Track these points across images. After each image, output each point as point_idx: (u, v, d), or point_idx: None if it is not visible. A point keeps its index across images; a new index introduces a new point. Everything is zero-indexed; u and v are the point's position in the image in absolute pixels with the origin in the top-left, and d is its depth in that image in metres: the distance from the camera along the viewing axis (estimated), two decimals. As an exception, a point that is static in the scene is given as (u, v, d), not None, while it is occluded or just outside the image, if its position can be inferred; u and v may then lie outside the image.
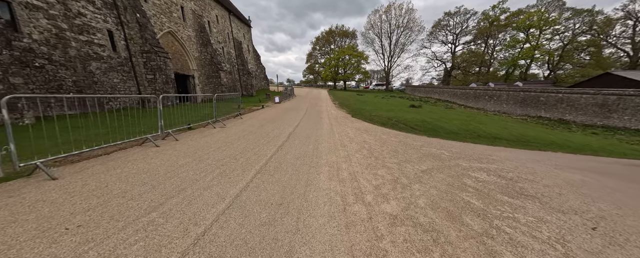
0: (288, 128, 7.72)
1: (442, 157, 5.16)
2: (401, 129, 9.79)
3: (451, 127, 10.57)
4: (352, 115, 12.63)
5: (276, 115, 11.12)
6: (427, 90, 37.51)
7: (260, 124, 8.41)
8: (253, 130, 7.11)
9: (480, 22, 47.20)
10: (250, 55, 32.65)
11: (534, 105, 18.34)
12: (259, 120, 9.21)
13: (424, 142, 6.91)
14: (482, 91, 24.29)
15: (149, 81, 12.02)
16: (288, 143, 5.57)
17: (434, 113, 15.08)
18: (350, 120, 10.77)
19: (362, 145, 5.84)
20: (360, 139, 6.65)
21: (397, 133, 8.31)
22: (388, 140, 6.80)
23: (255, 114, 11.66)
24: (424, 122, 11.03)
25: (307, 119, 10.23)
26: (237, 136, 6.06)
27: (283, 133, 6.73)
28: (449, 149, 6.06)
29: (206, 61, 18.52)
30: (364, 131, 8.16)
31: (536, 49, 41.62)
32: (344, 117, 11.67)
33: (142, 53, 11.72)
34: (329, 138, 6.53)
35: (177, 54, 16.03)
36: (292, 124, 8.73)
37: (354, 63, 51.63)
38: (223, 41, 22.48)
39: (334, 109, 15.02)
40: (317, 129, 7.80)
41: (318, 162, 4.19)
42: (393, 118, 11.79)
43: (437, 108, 19.83)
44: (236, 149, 4.77)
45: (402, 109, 16.50)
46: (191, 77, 17.60)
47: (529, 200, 3.07)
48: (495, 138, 9.36)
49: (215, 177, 3.24)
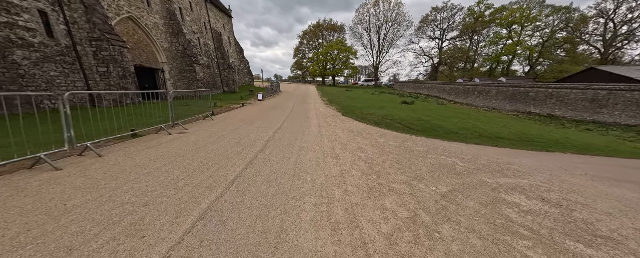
0: (268, 132, 6.39)
1: (457, 169, 4.12)
2: (397, 129, 8.78)
3: (449, 126, 9.72)
4: (343, 113, 11.47)
5: (257, 115, 9.69)
6: (416, 86, 37.26)
7: (234, 126, 6.99)
8: (222, 135, 5.70)
9: (466, 18, 47.60)
10: (232, 48, 30.35)
11: (523, 100, 18.20)
12: (235, 122, 7.77)
13: (427, 146, 5.89)
14: (472, 87, 24.10)
15: (102, 75, 10.06)
16: (263, 156, 4.27)
17: (428, 110, 14.31)
18: (341, 120, 9.60)
19: (358, 155, 4.67)
20: (354, 145, 5.48)
21: (395, 136, 7.26)
22: (386, 145, 5.70)
23: (232, 113, 10.14)
24: (420, 121, 10.11)
25: (293, 119, 8.92)
26: (196, 146, 4.65)
27: (260, 140, 5.40)
28: (458, 155, 5.07)
29: (178, 53, 16.45)
30: (357, 133, 7.02)
31: (518, 45, 42.66)
32: (334, 116, 10.48)
33: (91, 41, 9.72)
34: (316, 145, 5.30)
35: (141, 45, 13.92)
36: (273, 126, 7.39)
37: (343, 58, 50.45)
38: (199, 32, 20.31)
39: (323, 107, 13.78)
40: (303, 133, 6.54)
41: (300, 189, 2.94)
42: (387, 116, 10.78)
43: (429, 104, 19.21)
44: (183, 170, 3.36)
45: (395, 105, 15.60)
46: (160, 71, 15.53)
47: (616, 250, 2.05)
48: (498, 138, 8.60)
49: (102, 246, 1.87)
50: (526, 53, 42.50)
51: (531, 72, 46.31)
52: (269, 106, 13.37)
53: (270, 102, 15.79)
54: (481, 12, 45.99)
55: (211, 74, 21.81)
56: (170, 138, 5.16)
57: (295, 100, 17.52)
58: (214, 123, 7.42)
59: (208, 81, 20.88)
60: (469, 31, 47.29)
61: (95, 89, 9.94)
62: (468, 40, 48.32)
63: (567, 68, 38.76)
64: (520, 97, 18.40)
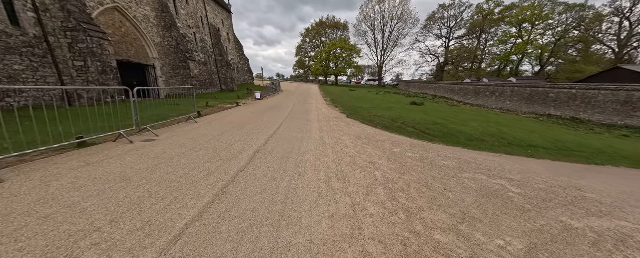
0: (259, 139, 5.25)
1: (513, 199, 2.94)
2: (411, 134, 7.59)
3: (469, 130, 8.50)
4: (348, 115, 10.30)
5: (250, 117, 8.56)
6: (422, 86, 35.90)
7: (220, 131, 5.85)
8: (200, 144, 4.56)
9: (474, 16, 46.00)
10: (231, 45, 29.26)
11: (542, 102, 16.85)
12: (222, 125, 6.63)
13: (455, 159, 4.70)
14: (483, 87, 22.74)
15: (78, 70, 8.99)
16: (243, 178, 3.12)
17: (440, 112, 13.06)
18: (346, 123, 8.43)
19: (372, 174, 3.51)
20: (365, 158, 4.32)
21: (411, 143, 6.07)
22: (405, 158, 4.52)
23: (222, 114, 9.01)
24: (436, 125, 8.89)
25: (291, 122, 7.77)
26: (156, 162, 3.50)
27: (246, 151, 4.25)
28: (501, 174, 3.88)
29: (171, 48, 15.38)
30: (366, 140, 5.84)
31: (530, 43, 41.03)
32: (337, 118, 9.31)
33: (66, 31, 8.65)
34: (318, 158, 4.14)
35: (129, 38, 12.86)
36: (267, 130, 6.24)
37: (346, 57, 49.17)
38: (195, 26, 19.22)
39: (325, 107, 12.61)
40: (301, 140, 5.38)
41: (289, 251, 1.79)
42: (397, 119, 9.58)
43: (440, 105, 17.93)
44: (107, 212, 2.19)
45: (403, 107, 14.37)
46: (151, 67, 14.47)
47: None
48: (530, 146, 7.36)
49: None
50: (537, 52, 40.83)
51: (541, 72, 44.63)
52: (267, 106, 12.24)
53: (268, 102, 14.66)
54: (490, 9, 44.38)
55: (208, 71, 20.74)
56: (128, 148, 4.02)
57: (296, 100, 16.37)
58: (196, 126, 6.28)
59: (204, 79, 19.82)
60: (477, 29, 45.70)
61: (71, 85, 8.88)
62: (475, 39, 46.73)
63: (580, 68, 37.12)
64: (539, 98, 17.04)
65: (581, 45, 42.48)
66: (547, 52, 40.72)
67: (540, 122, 13.64)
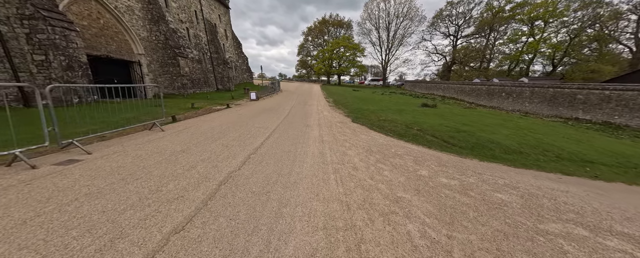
0: (236, 156, 3.84)
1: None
2: (431, 144, 6.15)
3: (502, 139, 7.01)
4: (353, 119, 8.86)
5: (237, 122, 7.16)
6: (429, 86, 34.25)
7: (187, 144, 4.46)
8: (145, 167, 3.16)
9: (483, 13, 44.15)
10: (228, 42, 27.96)
11: (568, 104, 15.21)
12: (195, 134, 5.24)
13: (513, 189, 3.27)
14: (498, 87, 21.10)
15: (39, 65, 7.70)
16: (171, 253, 1.70)
17: (458, 115, 11.55)
18: (352, 129, 6.99)
19: (404, 232, 2.06)
20: (384, 191, 2.89)
21: (438, 159, 4.63)
22: (440, 188, 3.10)
23: (205, 119, 7.64)
24: (459, 133, 7.41)
25: (285, 129, 6.36)
26: (38, 212, 2.12)
27: (205, 183, 2.83)
28: (602, 222, 2.42)
29: (159, 44, 14.08)
30: (380, 156, 4.42)
31: (543, 42, 39.12)
32: (341, 124, 7.88)
33: (22, 19, 7.35)
34: (314, 193, 2.70)
35: (109, 31, 11.57)
36: (252, 141, 4.84)
37: (350, 56, 47.68)
38: (188, 21, 17.93)
39: (327, 110, 11.18)
40: (294, 157, 3.96)
41: None
42: (412, 124, 8.11)
43: (454, 108, 16.38)
44: None
45: (414, 109, 12.88)
46: (136, 64, 13.18)
47: None
48: (586, 161, 5.84)
49: None
50: (551, 51, 38.88)
51: (554, 72, 42.61)
52: (261, 108, 10.85)
53: (264, 103, 13.29)
54: (500, 6, 42.51)
55: (202, 69, 19.44)
56: (16, 180, 2.63)
57: (295, 101, 14.97)
58: (159, 136, 4.89)
59: (198, 77, 18.53)
60: (486, 27, 43.86)
61: (28, 82, 7.57)
62: (484, 37, 44.89)
63: (598, 67, 35.15)
64: (564, 99, 15.40)
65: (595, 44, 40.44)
66: (561, 51, 38.73)
67: (573, 127, 12.03)
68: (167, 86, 14.61)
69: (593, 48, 40.92)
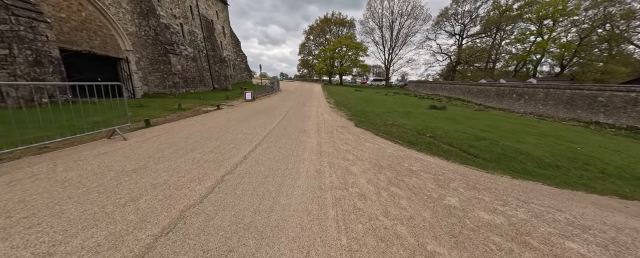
0: (204, 178, 2.90)
1: None
2: (450, 154, 5.20)
3: (532, 150, 6.01)
4: (356, 123, 7.89)
5: (223, 127, 6.22)
6: (434, 87, 33.18)
7: (148, 157, 3.52)
8: (53, 207, 2.21)
9: (490, 12, 42.91)
10: (226, 39, 27.05)
11: (587, 107, 14.12)
12: (166, 144, 4.30)
13: (585, 230, 2.28)
14: (508, 88, 20.03)
15: (2, 59, 6.81)
16: None
17: (470, 118, 10.54)
18: (355, 135, 6.03)
19: None
20: (406, 239, 1.92)
21: (463, 176, 3.67)
22: (480, 228, 2.12)
23: (186, 123, 6.70)
24: (480, 141, 6.41)
25: (278, 136, 5.41)
26: None
27: (138, 233, 1.89)
28: None
29: (149, 39, 13.20)
30: (392, 174, 3.46)
31: (553, 41, 37.86)
32: (343, 128, 6.91)
33: (-20, 8, 6.46)
34: (299, 253, 1.75)
35: (92, 25, 10.69)
36: (232, 154, 3.89)
37: (352, 55, 46.65)
38: (182, 16, 17.04)
39: (327, 112, 10.22)
40: (280, 180, 3.01)
41: None
42: (424, 130, 7.13)
43: (464, 110, 15.34)
44: None
45: (423, 111, 11.87)
46: (123, 61, 12.30)
47: None
48: (637, 178, 4.85)
49: None
50: (560, 51, 37.60)
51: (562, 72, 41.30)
52: (255, 110, 9.91)
53: (260, 104, 12.36)
54: (508, 5, 41.27)
55: (198, 67, 18.55)
56: None
57: (294, 101, 14.03)
58: (116, 148, 3.95)
59: (193, 76, 17.63)
60: (493, 26, 42.63)
61: (-12, 80, 6.69)
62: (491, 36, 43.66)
63: (610, 68, 33.86)
64: (583, 102, 14.32)
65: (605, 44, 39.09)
66: (572, 51, 37.42)
67: (599, 133, 10.96)
68: (158, 85, 13.74)
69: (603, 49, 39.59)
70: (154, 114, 7.49)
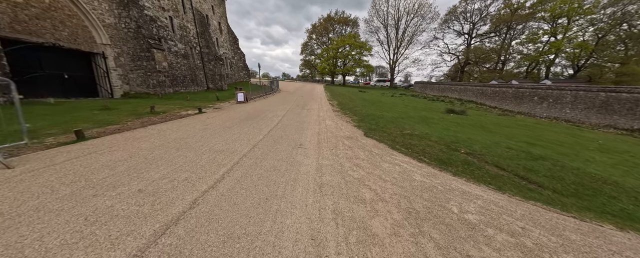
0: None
1: None
2: (502, 182, 3.58)
3: (617, 176, 4.37)
4: (366, 131, 6.28)
5: (193, 139, 4.66)
6: (443, 88, 31.44)
7: (18, 208, 1.99)
8: None
9: (501, 10, 41.03)
10: (223, 36, 25.60)
11: (626, 112, 12.37)
12: (80, 173, 2.76)
13: None
14: (529, 90, 18.28)
15: None
16: None
17: (501, 126, 8.88)
18: (366, 150, 4.43)
19: None
20: None
21: (551, 230, 2.00)
22: None
23: (145, 132, 5.15)
24: (537, 160, 4.77)
25: (263, 155, 3.83)
26: None
27: None
28: None
29: (130, 32, 11.75)
30: (438, 233, 1.82)
31: (569, 40, 35.88)
32: (350, 139, 5.31)
33: None
34: None
35: (59, 13, 9.25)
36: (182, 192, 2.31)
37: (355, 55, 45.04)
38: (172, 9, 15.59)
39: (330, 116, 8.63)
40: (249, 255, 1.44)
41: None
42: (454, 143, 5.50)
43: (489, 115, 13.67)
44: None
45: (441, 116, 10.24)
46: (99, 57, 10.85)
47: None
48: None
49: None
50: (577, 51, 35.56)
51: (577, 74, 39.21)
52: (245, 114, 8.37)
53: (252, 106, 10.83)
54: (520, 3, 39.36)
55: (189, 65, 17.10)
56: None
57: (293, 103, 12.48)
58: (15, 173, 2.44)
59: (183, 74, 16.19)
60: (504, 25, 40.75)
61: None
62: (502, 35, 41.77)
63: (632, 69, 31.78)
64: (621, 106, 12.57)
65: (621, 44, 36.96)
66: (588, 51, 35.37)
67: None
68: (141, 84, 12.29)
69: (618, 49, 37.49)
70: (114, 120, 5.98)
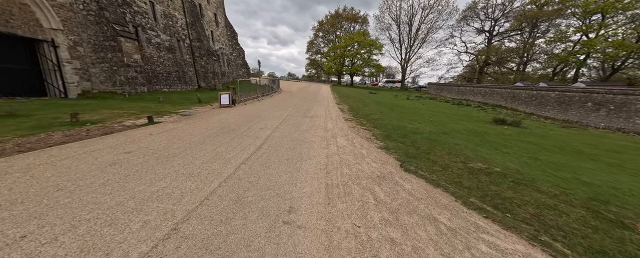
0: None
1: None
2: None
3: None
4: (403, 162, 3.51)
5: (45, 199, 2.05)
6: (463, 91, 28.31)
7: None
8: None
9: (525, 6, 37.44)
10: (219, 30, 23.24)
11: None
12: None
13: None
14: (579, 94, 15.14)
15: None
16: None
17: (611, 151, 6.01)
18: (422, 215, 1.68)
19: None
20: None
21: None
22: None
23: (81, 148, 2.58)
24: None
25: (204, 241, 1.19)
26: None
27: None
28: None
29: (90, 16, 9.39)
30: None
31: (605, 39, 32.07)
32: (382, 179, 2.50)
33: None
34: None
35: (-19, -15, 6.89)
36: None
37: (364, 53, 42.20)
38: (155, -7, 13.24)
39: (342, 129, 5.89)
40: None
41: None
42: (590, 199, 2.70)
43: (554, 128, 10.71)
44: None
45: (494, 129, 7.39)
46: (47, 45, 8.51)
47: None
48: None
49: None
50: (616, 51, 31.67)
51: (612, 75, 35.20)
52: (218, 126, 5.77)
53: (239, 112, 8.26)
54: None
55: (176, 60, 14.74)
56: None
57: (292, 108, 9.85)
58: None
59: (168, 70, 13.82)
60: (529, 22, 37.13)
61: None
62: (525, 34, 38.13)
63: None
64: None
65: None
66: (629, 50, 31.42)
67: None
68: (105, 80, 9.92)
69: (657, 49, 33.28)
70: (21, 131, 3.49)
